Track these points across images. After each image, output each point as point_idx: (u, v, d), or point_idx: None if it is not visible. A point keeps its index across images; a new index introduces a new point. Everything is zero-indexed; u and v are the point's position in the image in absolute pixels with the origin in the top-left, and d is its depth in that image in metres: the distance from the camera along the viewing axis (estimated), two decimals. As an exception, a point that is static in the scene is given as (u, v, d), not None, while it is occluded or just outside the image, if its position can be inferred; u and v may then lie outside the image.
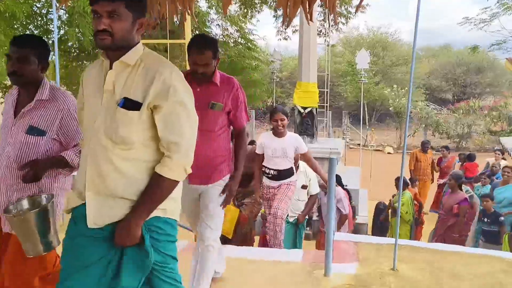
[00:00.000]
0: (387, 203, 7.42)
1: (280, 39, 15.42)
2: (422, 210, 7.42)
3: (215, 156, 2.64)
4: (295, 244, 5.20)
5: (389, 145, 22.26)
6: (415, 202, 6.99)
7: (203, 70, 2.54)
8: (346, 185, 8.95)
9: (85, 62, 11.24)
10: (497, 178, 7.72)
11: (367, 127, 21.91)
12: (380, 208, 7.58)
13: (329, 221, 3.37)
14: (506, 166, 7.37)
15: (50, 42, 9.67)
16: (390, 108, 23.66)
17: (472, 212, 6.35)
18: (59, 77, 4.65)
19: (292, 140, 4.33)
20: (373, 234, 7.28)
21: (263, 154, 4.37)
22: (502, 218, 5.98)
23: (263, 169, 4.44)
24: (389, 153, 21.01)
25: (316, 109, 10.21)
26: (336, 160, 3.35)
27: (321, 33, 16.58)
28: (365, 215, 8.22)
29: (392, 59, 28.76)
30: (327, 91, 15.12)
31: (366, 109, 23.73)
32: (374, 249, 3.99)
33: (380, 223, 7.41)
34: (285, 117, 4.24)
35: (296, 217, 5.21)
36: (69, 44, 10.52)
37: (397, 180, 6.39)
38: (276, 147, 4.27)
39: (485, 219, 6.12)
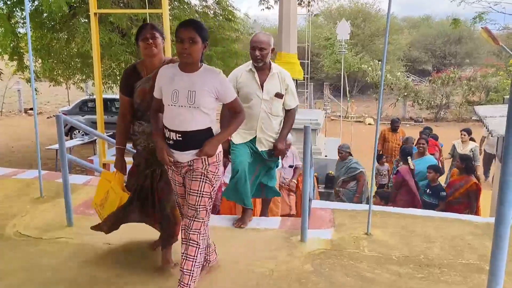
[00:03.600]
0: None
1: (263, 9, 15.21)
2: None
3: None
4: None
5: (369, 116, 22.45)
6: None
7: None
8: (326, 156, 9.12)
9: (59, 33, 10.93)
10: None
11: (348, 98, 21.99)
12: None
13: (305, 188, 3.44)
14: (420, 138, 7.43)
15: (24, 14, 9.41)
16: (367, 79, 23.75)
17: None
18: (31, 50, 4.55)
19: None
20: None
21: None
22: (443, 193, 6.09)
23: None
24: (369, 124, 21.21)
25: (297, 80, 10.21)
26: (310, 128, 3.38)
27: (303, 3, 16.42)
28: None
29: (372, 30, 28.73)
30: (308, 62, 15.12)
31: (347, 80, 23.79)
32: (349, 215, 4.11)
33: None
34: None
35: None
36: (44, 15, 10.22)
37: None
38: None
39: (428, 190, 6.25)
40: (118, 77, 10.48)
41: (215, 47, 11.64)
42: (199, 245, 2.53)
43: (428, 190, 6.24)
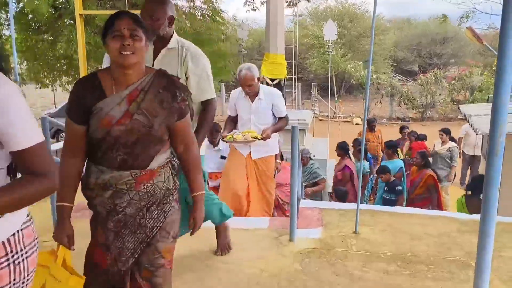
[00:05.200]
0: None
1: (249, 10, 15.17)
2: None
3: None
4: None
5: (357, 116, 22.60)
6: None
7: None
8: (314, 155, 9.16)
9: (45, 35, 10.82)
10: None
11: (336, 98, 22.09)
12: None
13: (293, 188, 3.45)
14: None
15: (8, 15, 9.29)
16: (352, 81, 23.95)
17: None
18: (15, 52, 4.51)
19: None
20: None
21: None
22: (399, 187, 6.19)
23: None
24: (357, 123, 21.34)
25: (284, 81, 10.23)
26: (298, 128, 3.41)
27: (291, 3, 16.48)
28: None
29: (359, 30, 28.92)
30: (295, 63, 15.17)
31: (334, 81, 23.91)
32: (338, 214, 4.14)
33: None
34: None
35: None
36: (29, 17, 10.12)
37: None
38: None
39: (386, 188, 6.34)
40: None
41: (201, 47, 11.63)
42: None
43: (386, 187, 6.34)
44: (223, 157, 5.07)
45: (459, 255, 3.32)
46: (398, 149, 7.04)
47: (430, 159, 7.87)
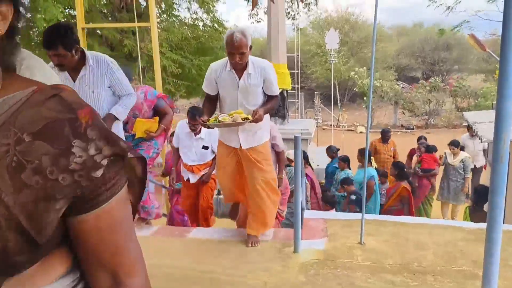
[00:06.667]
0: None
1: (253, 22, 15.22)
2: None
3: None
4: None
5: (361, 124, 22.56)
6: None
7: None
8: (318, 165, 9.14)
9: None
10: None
11: (339, 107, 22.08)
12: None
13: (297, 198, 3.42)
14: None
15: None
16: (355, 89, 23.95)
17: None
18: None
19: None
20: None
21: None
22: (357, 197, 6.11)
23: None
24: (361, 132, 21.30)
25: (287, 90, 10.25)
26: (300, 138, 3.38)
27: (290, 15, 16.54)
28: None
29: (360, 38, 29.02)
30: (297, 72, 15.19)
31: (337, 89, 23.92)
32: (342, 224, 4.09)
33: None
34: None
35: None
36: (31, 31, 10.20)
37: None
38: None
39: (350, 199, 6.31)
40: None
41: (203, 57, 11.70)
42: None
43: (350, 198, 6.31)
44: (205, 147, 4.56)
45: (466, 264, 3.27)
46: (372, 157, 6.94)
47: (440, 169, 7.73)
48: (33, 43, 10.62)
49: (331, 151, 7.91)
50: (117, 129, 3.44)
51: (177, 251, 3.50)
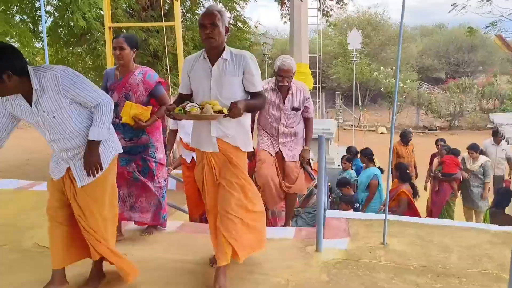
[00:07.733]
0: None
1: (285, 22, 14.76)
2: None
3: None
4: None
5: (382, 125, 22.35)
6: None
7: None
8: (338, 165, 9.10)
9: (74, 48, 11.15)
10: None
11: (360, 107, 21.92)
12: None
13: (320, 198, 3.43)
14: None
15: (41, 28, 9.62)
16: (381, 89, 23.72)
17: None
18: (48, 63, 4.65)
19: None
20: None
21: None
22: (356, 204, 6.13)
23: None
24: (382, 133, 21.11)
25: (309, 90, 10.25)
26: (324, 138, 3.38)
27: (323, 11, 16.37)
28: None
29: (382, 39, 28.72)
30: (319, 72, 15.17)
31: (359, 89, 23.74)
32: (364, 225, 4.08)
33: None
34: None
35: None
36: (59, 30, 10.45)
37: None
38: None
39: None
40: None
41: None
42: None
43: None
44: None
45: (491, 267, 3.22)
46: (374, 157, 6.86)
47: (462, 173, 7.50)
48: (61, 42, 10.88)
49: (351, 152, 7.94)
50: (111, 140, 2.82)
51: (200, 248, 3.55)
